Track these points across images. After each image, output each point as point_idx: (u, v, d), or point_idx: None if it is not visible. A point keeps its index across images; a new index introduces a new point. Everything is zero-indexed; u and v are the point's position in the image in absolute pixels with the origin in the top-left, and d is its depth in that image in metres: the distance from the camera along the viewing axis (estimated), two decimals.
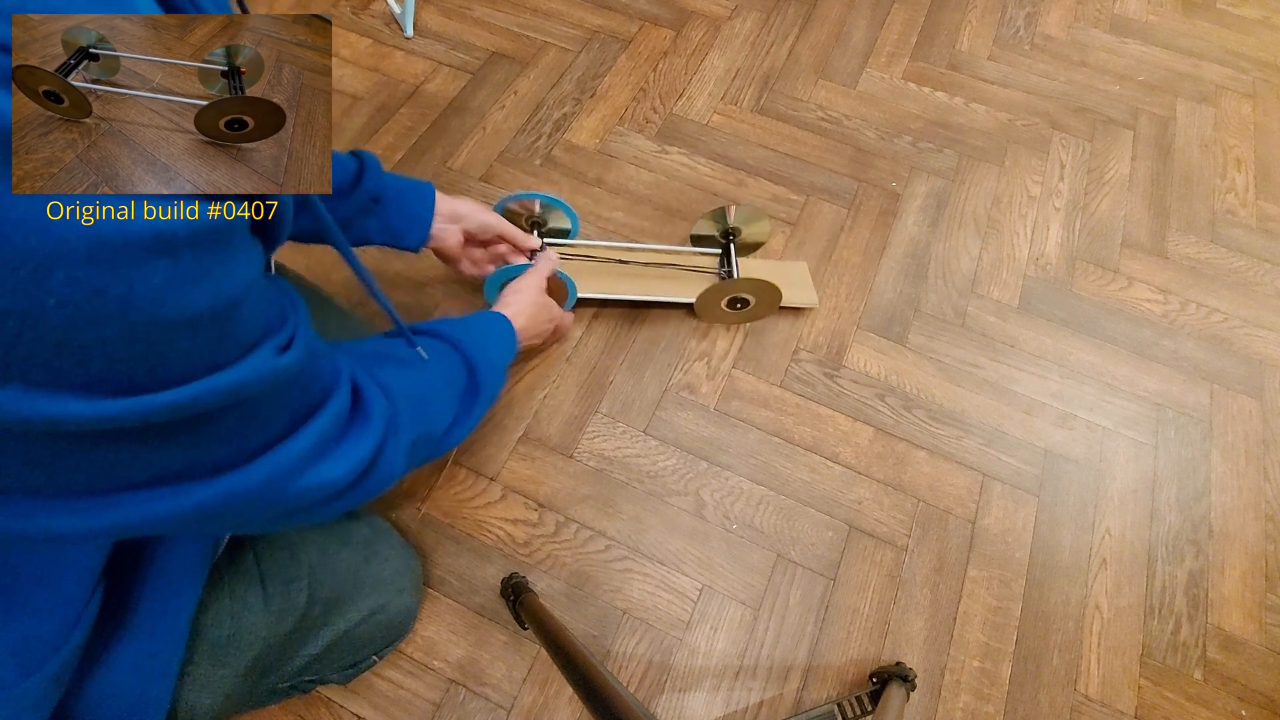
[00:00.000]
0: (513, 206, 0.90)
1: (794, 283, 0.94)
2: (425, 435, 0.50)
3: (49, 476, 0.28)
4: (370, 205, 0.71)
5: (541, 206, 0.91)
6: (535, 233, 0.90)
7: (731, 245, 0.94)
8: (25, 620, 0.37)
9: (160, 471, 0.31)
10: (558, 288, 0.87)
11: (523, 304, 0.74)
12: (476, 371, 0.57)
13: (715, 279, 0.93)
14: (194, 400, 0.28)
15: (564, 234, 0.94)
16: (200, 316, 0.27)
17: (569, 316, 0.89)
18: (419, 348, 0.54)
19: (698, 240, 0.97)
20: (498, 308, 0.73)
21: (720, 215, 0.93)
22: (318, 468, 0.38)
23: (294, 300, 0.37)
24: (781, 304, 0.92)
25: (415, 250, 0.76)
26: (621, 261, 0.94)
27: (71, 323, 0.23)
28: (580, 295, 0.89)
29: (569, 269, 0.89)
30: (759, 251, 1.00)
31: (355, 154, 0.71)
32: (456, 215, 0.78)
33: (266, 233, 0.34)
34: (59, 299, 0.23)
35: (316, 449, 0.37)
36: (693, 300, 0.91)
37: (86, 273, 0.23)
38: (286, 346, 0.34)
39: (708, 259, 0.95)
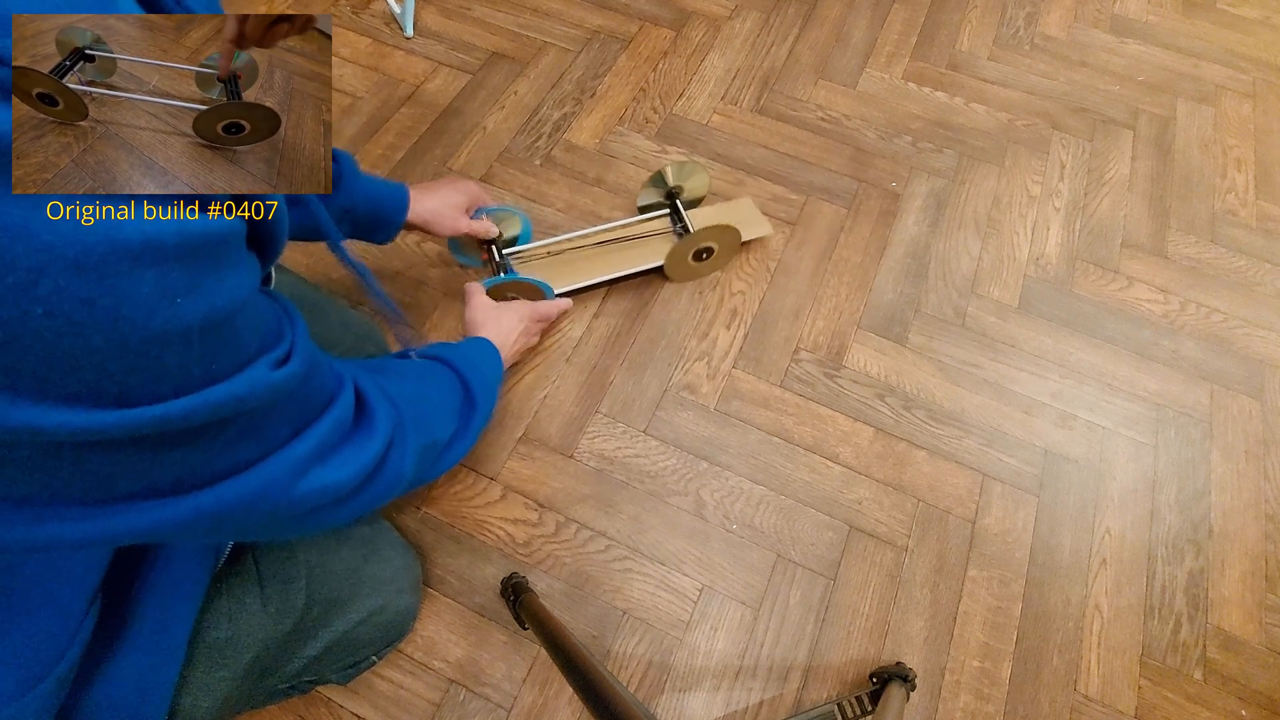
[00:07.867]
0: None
1: (746, 219, 0.96)
2: (431, 443, 0.50)
3: (44, 485, 0.28)
4: (341, 215, 0.73)
5: (490, 219, 0.89)
6: (493, 247, 0.90)
7: (678, 203, 0.96)
8: (21, 636, 0.37)
9: (157, 481, 0.31)
10: (534, 294, 0.88)
11: (494, 328, 0.77)
12: (471, 387, 0.59)
13: (673, 239, 0.95)
14: (186, 414, 0.28)
15: (517, 239, 0.95)
16: (191, 330, 0.27)
17: (553, 304, 0.89)
18: (412, 354, 0.54)
19: (645, 209, 0.99)
20: (471, 332, 0.77)
21: (659, 179, 0.95)
22: (320, 471, 0.38)
23: (291, 314, 0.37)
24: (742, 241, 0.95)
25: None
26: (575, 249, 0.95)
27: (59, 332, 0.23)
28: (557, 292, 0.90)
29: (534, 270, 0.90)
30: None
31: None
32: (425, 222, 0.81)
33: (262, 245, 0.33)
34: (47, 308, 0.23)
35: (317, 453, 0.37)
36: (662, 263, 0.92)
37: (73, 281, 0.23)
38: (284, 361, 0.34)
39: (661, 222, 0.97)
